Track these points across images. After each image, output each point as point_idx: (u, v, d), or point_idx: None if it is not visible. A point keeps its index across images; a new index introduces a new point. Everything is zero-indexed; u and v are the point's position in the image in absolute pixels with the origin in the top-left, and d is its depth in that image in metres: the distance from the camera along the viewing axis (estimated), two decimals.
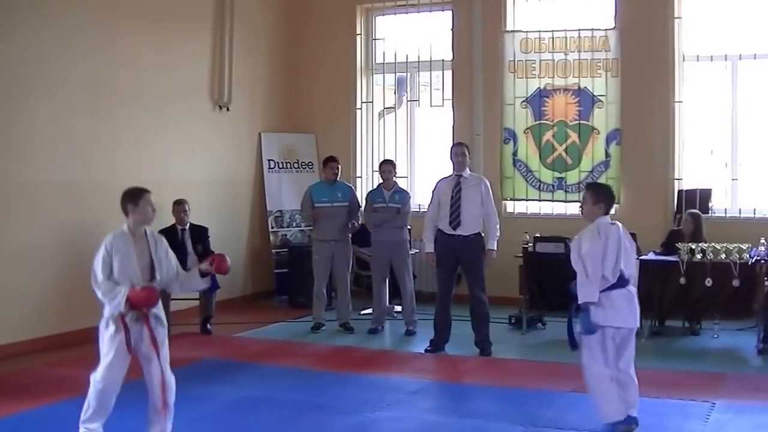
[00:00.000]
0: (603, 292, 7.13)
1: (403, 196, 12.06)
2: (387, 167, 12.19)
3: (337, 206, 12.07)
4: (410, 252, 12.31)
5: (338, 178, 12.32)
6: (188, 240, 12.00)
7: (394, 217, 11.86)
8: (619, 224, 7.46)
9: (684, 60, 13.07)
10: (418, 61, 14.68)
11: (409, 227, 12.30)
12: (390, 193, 11.98)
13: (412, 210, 12.26)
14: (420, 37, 14.70)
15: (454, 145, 11.17)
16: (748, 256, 10.70)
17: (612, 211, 7.75)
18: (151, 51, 12.49)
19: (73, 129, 11.36)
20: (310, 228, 12.74)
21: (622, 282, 7.22)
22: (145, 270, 7.04)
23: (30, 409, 8.35)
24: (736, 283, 10.63)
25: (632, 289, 7.39)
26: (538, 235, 11.97)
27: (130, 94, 12.14)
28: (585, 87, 13.50)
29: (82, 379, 9.35)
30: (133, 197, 7.17)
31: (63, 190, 11.27)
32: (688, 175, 13.15)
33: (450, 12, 14.41)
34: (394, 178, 12.25)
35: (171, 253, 7.27)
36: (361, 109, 15.09)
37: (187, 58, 13.20)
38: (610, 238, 7.21)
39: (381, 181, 12.27)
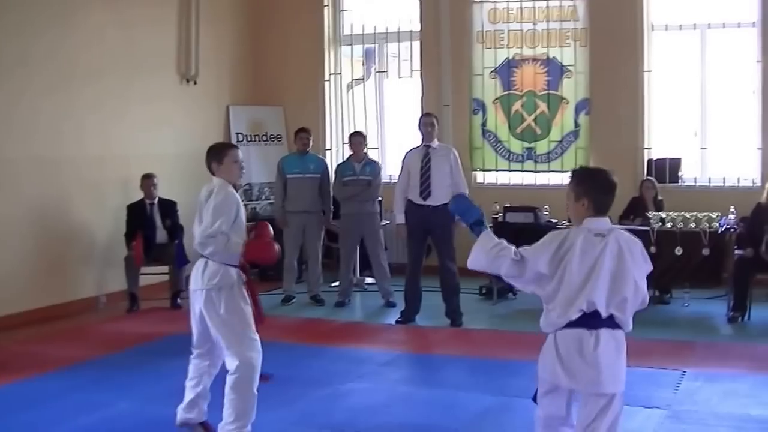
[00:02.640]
0: (558, 330, 4.94)
1: (374, 168, 12.00)
2: (357, 139, 12.11)
3: (309, 177, 12.01)
4: (381, 224, 12.27)
5: (309, 150, 12.26)
6: (157, 214, 11.98)
7: (365, 190, 11.81)
8: (625, 237, 5.03)
9: (653, 29, 13.06)
10: (386, 33, 14.61)
11: (380, 198, 12.26)
12: (360, 165, 11.92)
13: (382, 181, 12.21)
14: (387, 8, 14.63)
15: (422, 115, 11.12)
16: (717, 224, 10.74)
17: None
18: (116, 25, 12.35)
19: (38, 105, 11.27)
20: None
21: (589, 322, 4.86)
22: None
23: (2, 384, 8.29)
24: (705, 251, 10.67)
25: (607, 334, 4.88)
26: (508, 205, 11.97)
27: (96, 69, 12.02)
28: (554, 57, 13.47)
29: (53, 354, 9.38)
30: (217, 155, 6.51)
31: (29, 166, 11.16)
32: (657, 145, 13.17)
33: None
34: (365, 150, 12.19)
35: None
36: (329, 81, 15.00)
37: (152, 32, 13.06)
38: (579, 259, 4.88)
39: (351, 153, 12.21)
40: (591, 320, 4.86)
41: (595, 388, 4.89)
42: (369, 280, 12.87)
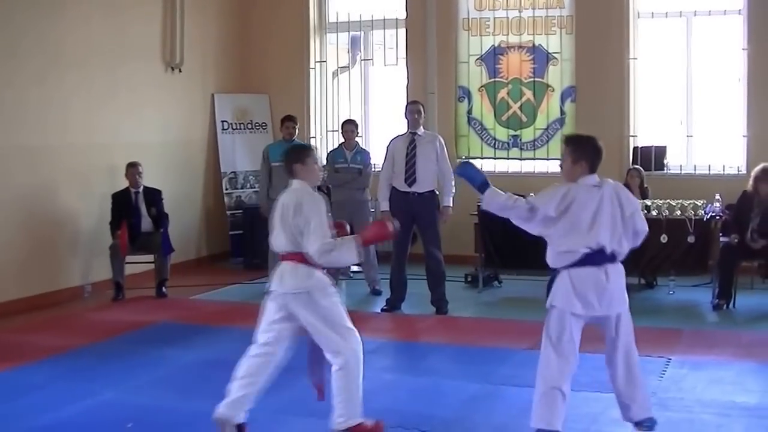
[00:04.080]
0: (566, 268, 6.04)
1: (365, 156, 11.99)
2: (349, 127, 12.09)
3: None
4: (371, 211, 12.25)
5: (295, 138, 12.23)
6: (142, 203, 11.92)
7: (355, 178, 11.81)
8: (612, 184, 6.24)
9: (638, 16, 13.09)
10: (372, 20, 14.58)
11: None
12: (351, 153, 11.90)
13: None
14: None
15: (408, 103, 11.11)
16: (703, 212, 10.77)
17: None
18: (101, 13, 12.31)
19: (24, 94, 11.21)
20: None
21: (597, 258, 6.00)
22: None
23: None
24: (691, 239, 10.69)
25: (611, 267, 6.06)
26: None
27: (82, 57, 11.98)
28: (539, 44, 13.48)
29: (38, 343, 9.35)
30: (300, 156, 6.54)
31: (15, 154, 11.11)
32: (643, 132, 13.20)
33: None
34: (356, 138, 12.17)
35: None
36: (314, 68, 14.97)
37: (137, 20, 12.99)
38: (583, 207, 6.00)
39: (342, 140, 12.18)
40: (598, 257, 5.99)
41: (609, 311, 6.07)
42: (355, 268, 12.83)
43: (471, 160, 6.07)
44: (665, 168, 12.87)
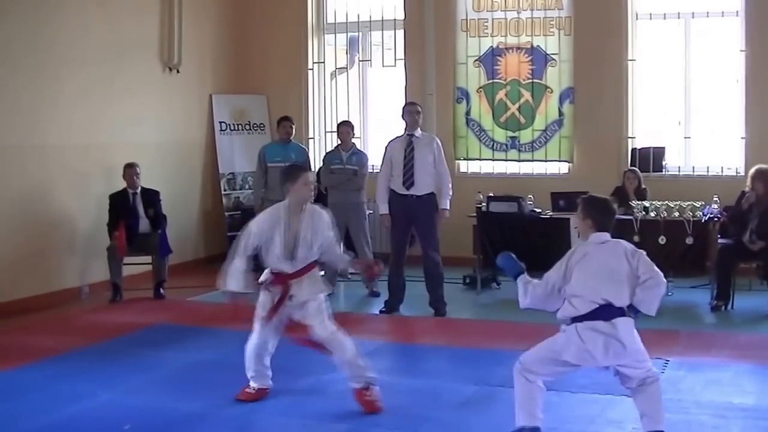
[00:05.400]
0: (573, 322, 6.06)
1: (361, 157, 11.97)
2: (345, 128, 12.07)
3: None
4: (367, 213, 12.24)
5: (292, 139, 12.22)
6: (139, 204, 11.92)
7: (351, 179, 11.78)
8: (622, 242, 6.29)
9: (637, 18, 13.07)
10: (370, 21, 14.56)
11: None
12: (348, 154, 11.89)
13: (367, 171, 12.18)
14: None
15: (407, 104, 11.08)
16: (701, 213, 10.76)
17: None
18: (98, 13, 12.31)
19: (19, 94, 11.21)
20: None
21: (602, 312, 6.01)
22: (289, 244, 7.20)
23: None
24: (689, 240, 10.69)
25: (617, 322, 6.01)
26: (491, 194, 11.94)
27: (79, 57, 11.97)
28: (538, 45, 13.46)
29: (36, 345, 9.34)
30: (288, 176, 7.25)
31: (11, 155, 11.12)
32: (641, 134, 13.19)
33: None
34: (352, 140, 12.16)
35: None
36: (312, 69, 14.96)
37: (135, 20, 12.99)
38: (590, 260, 6.08)
39: (339, 142, 12.17)
40: (606, 312, 5.99)
41: (623, 360, 6.02)
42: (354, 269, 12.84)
43: (509, 253, 6.20)
44: (663, 169, 12.86)
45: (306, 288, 7.25)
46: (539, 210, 11.64)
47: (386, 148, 10.78)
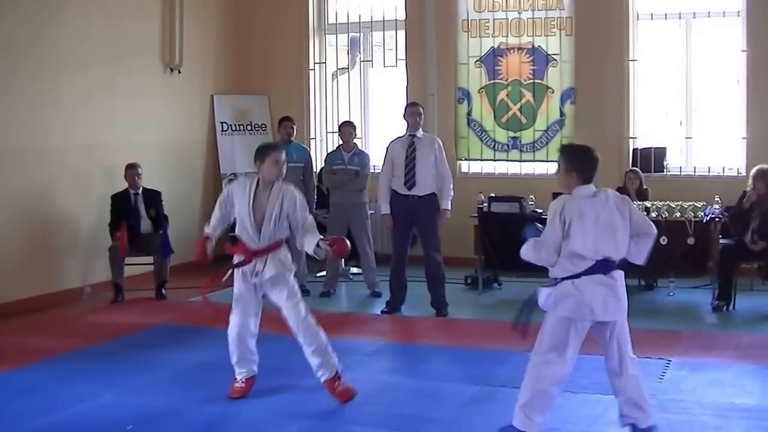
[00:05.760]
0: (570, 278, 6.02)
1: (363, 158, 11.97)
2: (347, 129, 12.07)
3: (291, 167, 11.91)
4: (369, 214, 12.24)
5: (293, 139, 12.22)
6: (141, 204, 11.93)
7: (352, 180, 11.78)
8: (610, 193, 6.18)
9: (638, 18, 13.08)
10: (371, 21, 14.56)
11: None
12: (349, 155, 11.89)
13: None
14: None
15: (408, 104, 11.07)
16: (702, 214, 10.78)
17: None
18: (100, 14, 12.32)
19: (20, 94, 11.21)
20: None
21: (601, 267, 6.00)
22: (257, 218, 7.38)
23: None
24: (690, 241, 10.70)
25: (615, 275, 6.08)
26: (492, 194, 11.93)
27: (80, 58, 11.98)
28: (539, 46, 13.47)
29: (37, 345, 9.35)
30: (260, 154, 7.42)
31: (12, 155, 11.11)
32: (642, 134, 13.19)
33: None
34: (354, 140, 12.16)
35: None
36: (314, 70, 14.97)
37: (136, 21, 13.00)
38: (583, 216, 5.95)
39: (340, 142, 12.18)
40: (604, 266, 6.00)
41: (616, 316, 6.10)
42: (354, 270, 12.86)
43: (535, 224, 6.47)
44: (665, 170, 12.86)
45: (269, 268, 7.41)
46: (540, 210, 11.64)
47: (388, 148, 10.78)
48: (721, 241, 10.82)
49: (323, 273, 12.18)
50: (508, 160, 13.79)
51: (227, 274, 7.54)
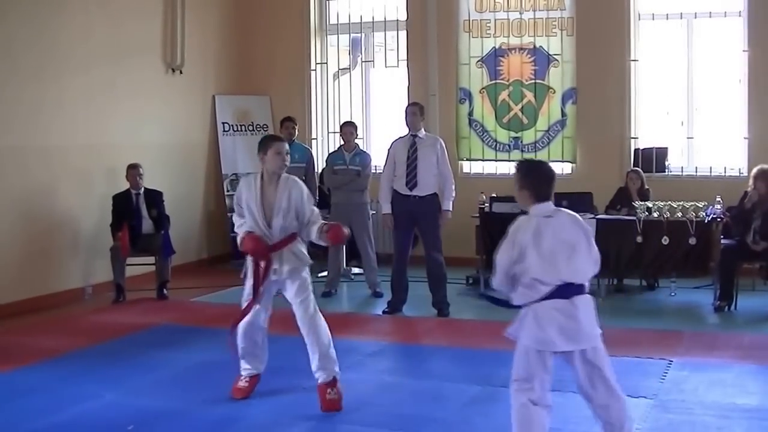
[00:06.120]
0: (530, 304, 5.54)
1: (364, 158, 11.98)
2: (348, 129, 12.07)
3: (293, 167, 11.88)
4: (370, 214, 12.24)
5: (295, 140, 12.22)
6: (143, 204, 11.92)
7: (354, 180, 11.79)
8: (567, 214, 5.69)
9: (639, 18, 13.08)
10: (373, 22, 14.58)
11: None
12: (351, 155, 11.90)
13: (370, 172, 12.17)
14: None
15: (409, 105, 11.08)
16: (704, 214, 10.78)
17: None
18: (101, 14, 12.31)
19: (21, 94, 11.21)
20: None
21: (560, 292, 5.48)
22: (267, 214, 7.43)
23: None
24: (692, 241, 10.70)
25: (576, 301, 5.52)
26: (494, 195, 11.92)
27: (81, 57, 11.98)
28: (540, 46, 13.47)
29: (39, 346, 9.35)
30: (262, 146, 7.46)
31: (13, 155, 11.11)
32: (644, 134, 13.19)
33: None
34: (355, 140, 12.16)
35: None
36: (315, 70, 14.97)
37: (138, 21, 13.00)
38: (539, 237, 5.53)
39: (342, 142, 12.18)
40: (564, 291, 5.47)
41: (581, 344, 5.50)
42: (356, 270, 12.86)
43: None
44: (666, 170, 12.86)
45: (286, 262, 7.47)
46: None
47: (389, 148, 10.78)
48: (722, 241, 10.80)
49: (324, 273, 12.18)
50: (509, 161, 13.74)
51: (261, 276, 7.61)
